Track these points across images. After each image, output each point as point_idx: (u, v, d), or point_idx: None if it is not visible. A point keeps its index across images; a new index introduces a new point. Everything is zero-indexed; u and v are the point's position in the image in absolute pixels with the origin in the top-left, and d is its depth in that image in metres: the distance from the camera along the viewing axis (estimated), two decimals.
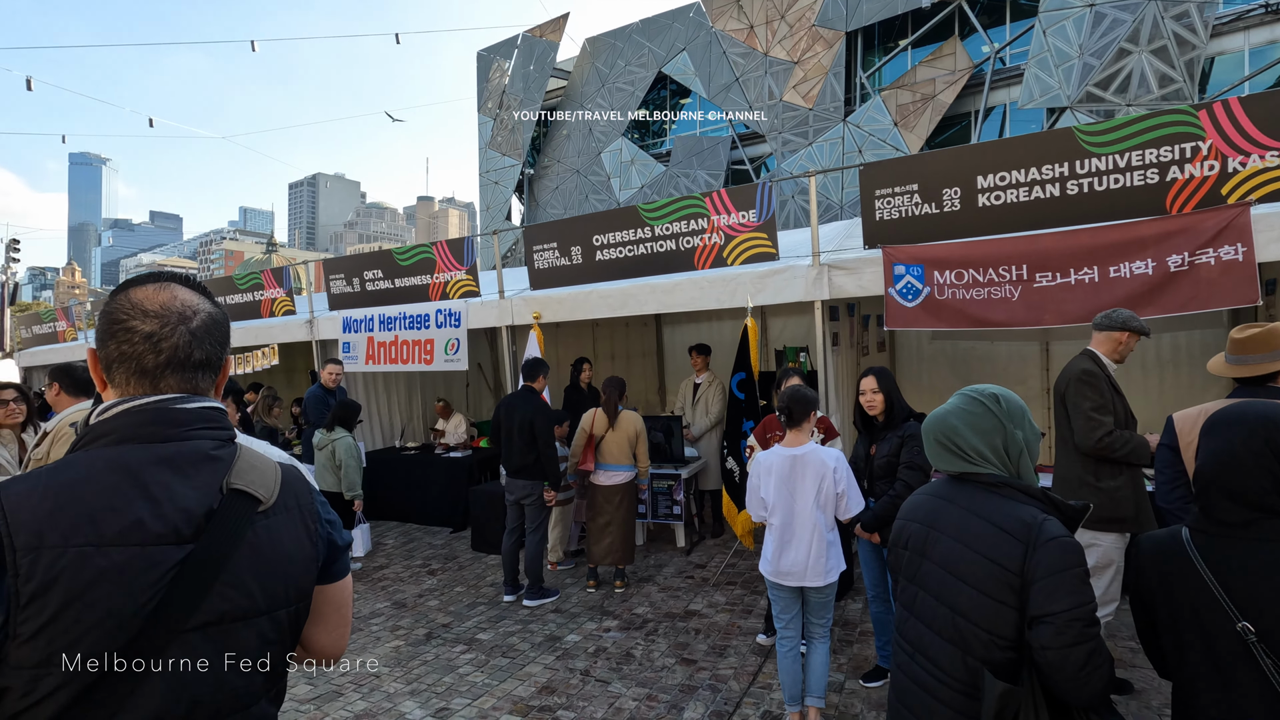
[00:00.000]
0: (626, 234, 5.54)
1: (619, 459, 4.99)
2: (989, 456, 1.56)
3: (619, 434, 4.98)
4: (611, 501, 4.96)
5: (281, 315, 8.14)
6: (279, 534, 1.02)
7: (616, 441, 4.97)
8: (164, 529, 0.90)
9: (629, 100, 26.86)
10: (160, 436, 0.96)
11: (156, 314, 0.99)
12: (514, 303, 6.17)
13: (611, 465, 4.99)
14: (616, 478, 4.99)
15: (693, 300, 5.32)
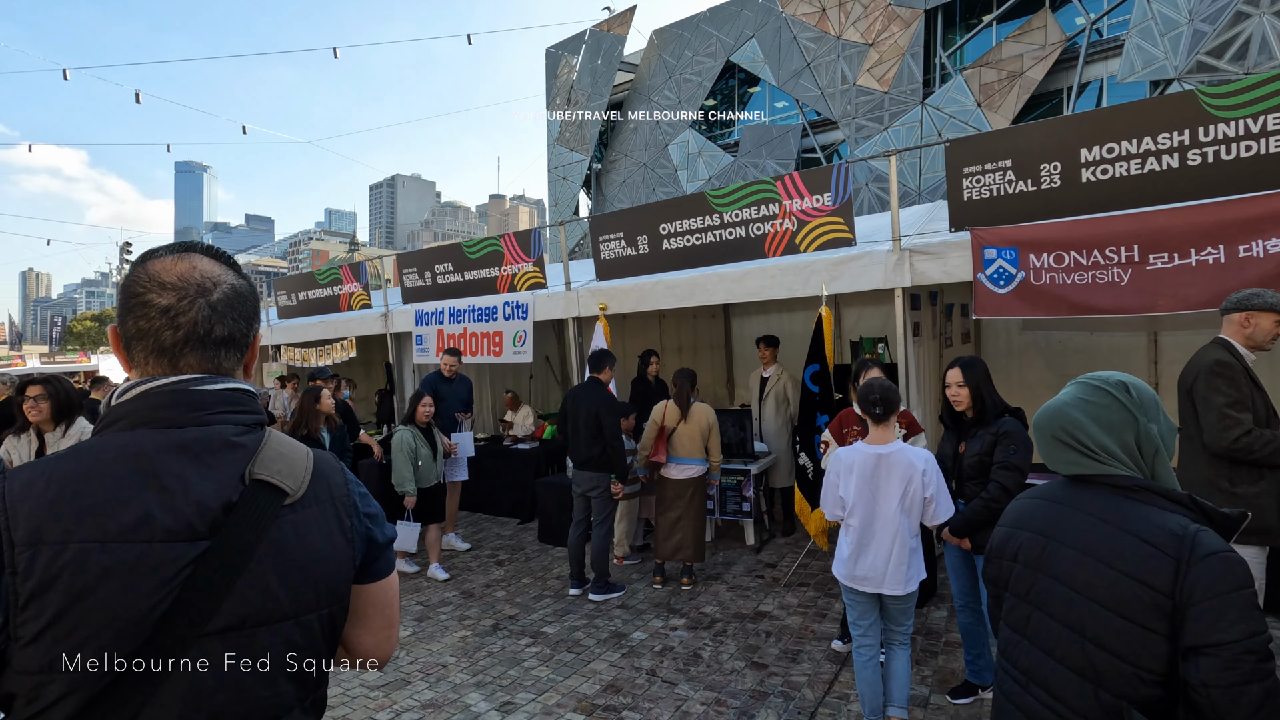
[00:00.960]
0: (694, 222, 5.38)
1: (691, 452, 4.85)
2: (1118, 454, 1.34)
3: (691, 426, 4.84)
4: (683, 496, 4.83)
5: (359, 309, 8.40)
6: (308, 529, 0.93)
7: (689, 434, 4.84)
8: (176, 524, 0.82)
9: (696, 91, 26.57)
10: (178, 421, 0.88)
11: (174, 286, 0.91)
12: (580, 294, 6.12)
13: (683, 459, 4.86)
14: (688, 471, 4.86)
15: (763, 289, 5.12)
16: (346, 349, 8.41)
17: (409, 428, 5.15)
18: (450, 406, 5.99)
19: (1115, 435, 1.35)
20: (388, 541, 1.09)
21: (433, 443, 5.27)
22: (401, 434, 5.10)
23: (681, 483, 4.85)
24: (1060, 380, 6.02)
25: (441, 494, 5.36)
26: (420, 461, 5.08)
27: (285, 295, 9.42)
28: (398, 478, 5.00)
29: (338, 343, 8.44)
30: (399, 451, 5.01)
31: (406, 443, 5.04)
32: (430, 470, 5.16)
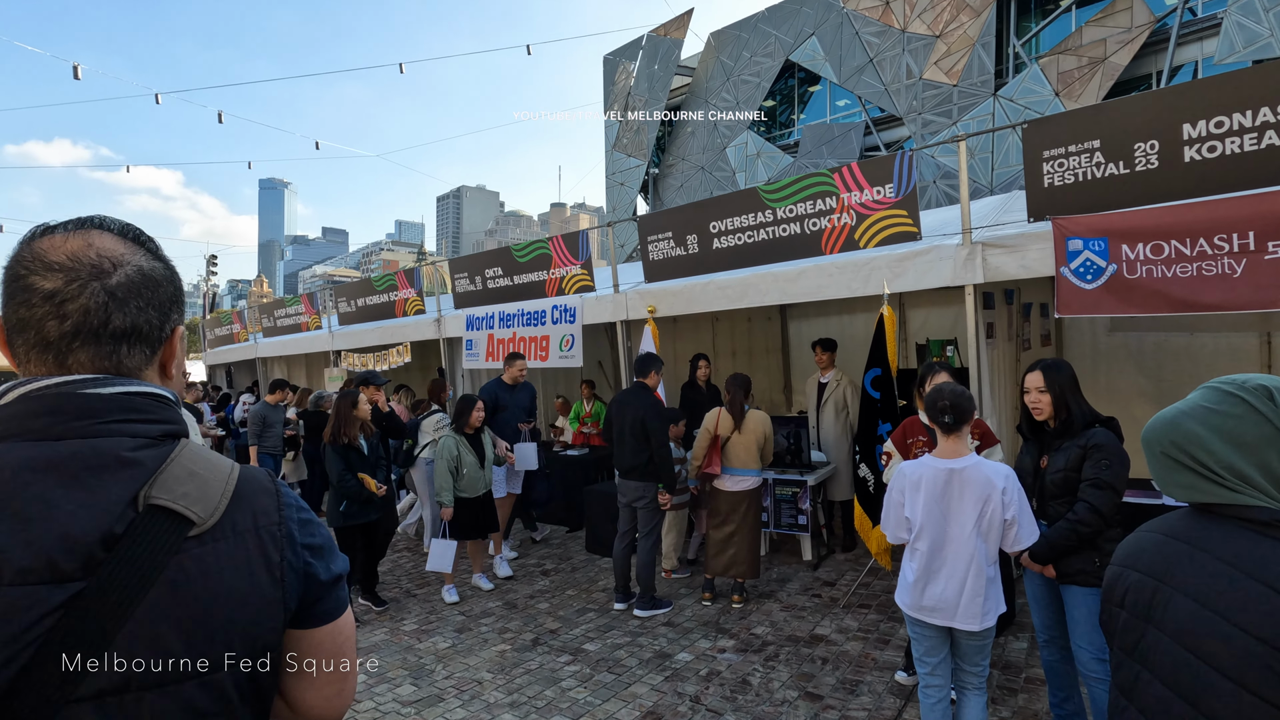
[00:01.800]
0: (745, 219, 5.11)
1: (746, 463, 4.59)
2: (1254, 479, 1.04)
3: (746, 436, 4.58)
4: (737, 509, 4.56)
5: (414, 315, 8.48)
6: (219, 567, 0.75)
7: (744, 444, 4.58)
8: (32, 561, 0.66)
9: (754, 92, 26.17)
10: (54, 433, 0.72)
11: (62, 267, 0.75)
12: (629, 296, 5.94)
13: (738, 470, 4.60)
14: (743, 483, 4.59)
15: (819, 288, 4.81)
16: (401, 354, 8.50)
17: (454, 434, 4.98)
18: (512, 416, 5.66)
19: (1250, 455, 1.05)
20: (335, 578, 0.90)
21: (480, 451, 5.04)
22: (445, 441, 4.92)
23: (736, 495, 4.58)
24: (1155, 387, 5.44)
25: (490, 506, 5.08)
26: (465, 470, 4.87)
27: (345, 302, 9.62)
28: (436, 487, 4.83)
29: (393, 348, 8.54)
30: (440, 459, 4.83)
31: (449, 450, 4.84)
32: (476, 480, 4.91)
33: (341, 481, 4.46)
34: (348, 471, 4.48)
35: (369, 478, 4.54)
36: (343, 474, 4.47)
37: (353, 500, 4.52)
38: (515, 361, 5.72)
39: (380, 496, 4.61)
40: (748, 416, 4.60)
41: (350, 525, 4.54)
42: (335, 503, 4.54)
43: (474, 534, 5.00)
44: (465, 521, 4.90)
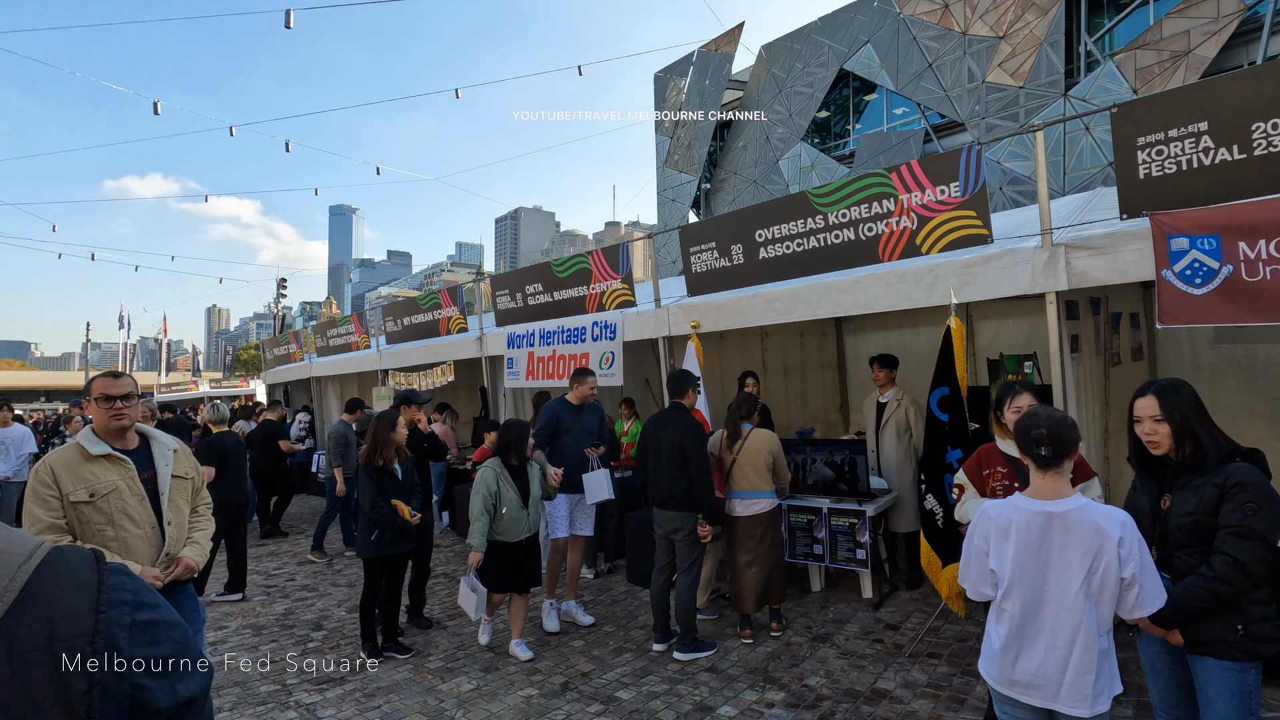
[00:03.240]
0: (794, 226, 4.74)
1: (755, 484, 4.28)
2: None
3: (749, 456, 4.29)
4: (753, 534, 4.24)
5: (456, 333, 8.38)
6: None
7: (750, 463, 4.28)
8: None
9: (808, 103, 25.67)
10: None
11: None
12: (670, 311, 5.63)
13: (747, 493, 4.28)
14: (755, 506, 4.27)
15: (876, 299, 4.38)
16: (445, 373, 8.40)
17: (496, 464, 4.21)
18: (578, 440, 4.84)
19: None
20: (181, 705, 0.64)
21: (525, 486, 4.22)
22: (484, 472, 4.12)
23: (751, 520, 4.27)
24: (1271, 407, 4.73)
25: (534, 553, 4.28)
26: (504, 509, 4.10)
27: (392, 321, 9.64)
28: (472, 524, 4.07)
29: (437, 367, 8.45)
30: (475, 493, 4.09)
31: (486, 484, 4.07)
32: (517, 522, 4.11)
33: (374, 508, 4.16)
34: (381, 497, 4.20)
35: (403, 505, 4.29)
36: (375, 499, 4.17)
37: (385, 528, 4.22)
38: (584, 379, 4.93)
39: (414, 525, 4.34)
40: (749, 436, 4.29)
41: (381, 556, 4.28)
42: (366, 531, 4.25)
43: (510, 587, 4.19)
44: (500, 572, 4.14)
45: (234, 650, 4.48)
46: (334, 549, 7.22)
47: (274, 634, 4.77)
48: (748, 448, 4.28)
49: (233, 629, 4.89)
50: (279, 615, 5.15)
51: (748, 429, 4.34)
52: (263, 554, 7.24)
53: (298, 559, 6.95)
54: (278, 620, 5.04)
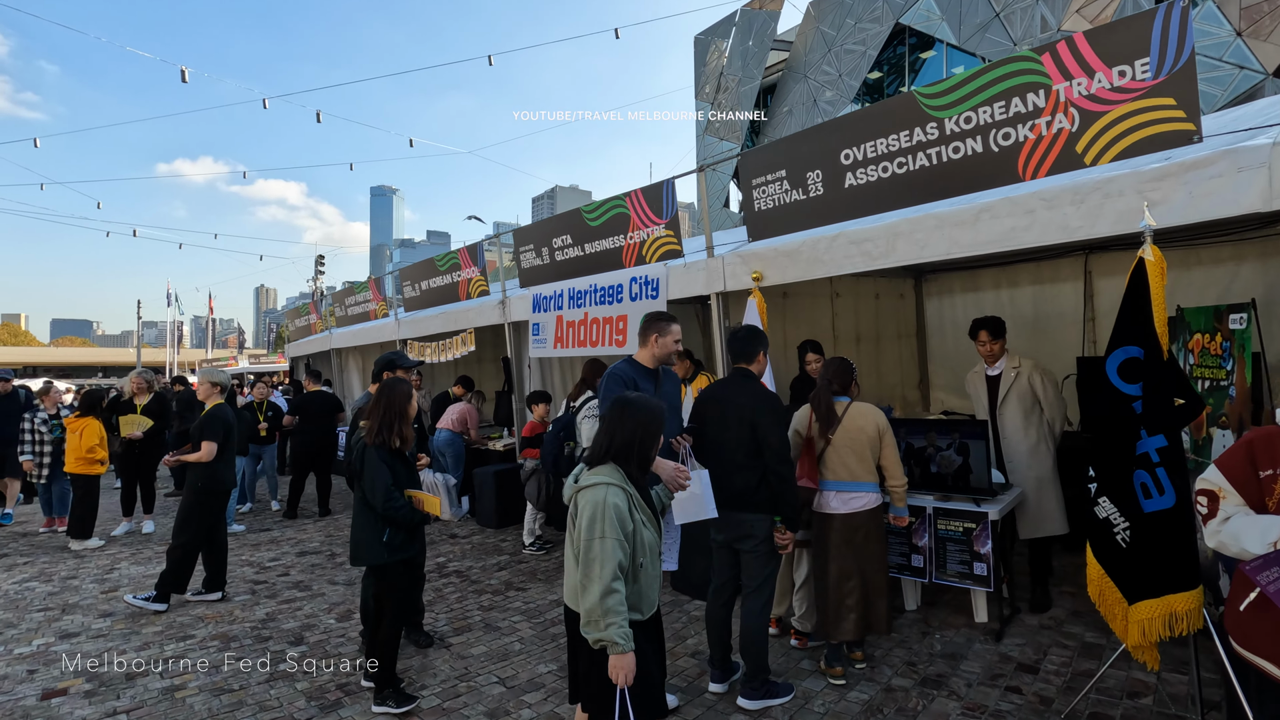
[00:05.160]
0: (895, 140, 3.62)
1: (855, 473, 3.27)
2: None
3: (846, 436, 3.27)
4: (851, 540, 3.23)
5: (477, 297, 7.46)
6: None
7: (848, 446, 3.27)
8: None
9: (859, 62, 23.98)
10: None
11: None
12: (726, 261, 4.57)
13: (845, 483, 3.27)
14: (855, 501, 3.26)
15: (1011, 233, 3.26)
16: (466, 342, 7.49)
17: (618, 476, 2.16)
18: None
19: None
20: None
21: (655, 513, 2.31)
22: (609, 495, 2.09)
23: (849, 520, 3.26)
24: None
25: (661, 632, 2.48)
26: (643, 559, 2.17)
27: (410, 286, 8.77)
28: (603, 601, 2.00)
29: (457, 335, 7.55)
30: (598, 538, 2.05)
31: (619, 519, 2.07)
32: (653, 577, 2.26)
33: (390, 501, 3.21)
34: (396, 487, 3.28)
35: (426, 495, 3.36)
36: (390, 491, 3.22)
37: (399, 527, 3.30)
38: (665, 328, 3.25)
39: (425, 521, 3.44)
40: (849, 412, 3.27)
41: (395, 561, 3.32)
42: (374, 530, 3.26)
43: (663, 703, 2.31)
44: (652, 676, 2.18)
45: (186, 674, 3.65)
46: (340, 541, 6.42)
47: (243, 648, 3.94)
48: (847, 426, 3.26)
49: (198, 639, 4.08)
50: (257, 622, 4.33)
51: (845, 403, 3.31)
52: (264, 540, 6.49)
53: (300, 548, 6.18)
54: (254, 629, 4.22)
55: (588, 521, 2.07)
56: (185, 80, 15.35)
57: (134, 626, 4.30)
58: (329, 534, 6.72)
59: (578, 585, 2.11)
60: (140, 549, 6.30)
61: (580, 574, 2.08)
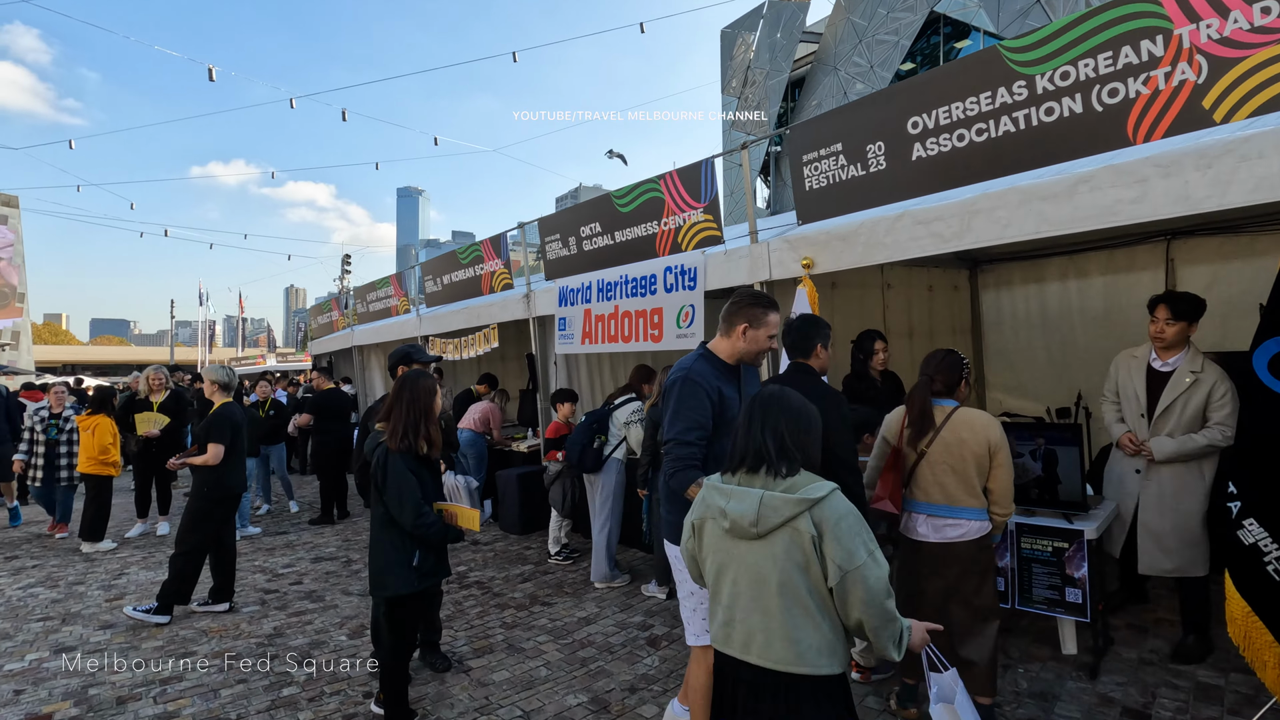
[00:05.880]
0: (974, 104, 3.17)
1: (955, 495, 2.69)
2: None
3: (945, 450, 2.70)
4: (946, 575, 2.71)
5: (501, 291, 7.12)
6: None
7: (952, 463, 2.68)
8: None
9: (892, 53, 23.32)
10: None
11: None
12: (772, 247, 4.15)
13: (940, 507, 2.72)
14: (952, 529, 2.70)
15: (1115, 206, 2.79)
16: (489, 338, 7.16)
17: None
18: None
19: None
20: None
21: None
22: (852, 506, 1.70)
23: (944, 552, 2.71)
24: None
25: None
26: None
27: (431, 280, 8.47)
28: (894, 625, 1.63)
29: (479, 332, 7.22)
30: (877, 563, 1.62)
31: (868, 532, 1.69)
32: None
33: (420, 518, 2.75)
34: (426, 502, 2.83)
35: (461, 507, 2.94)
36: (421, 505, 2.77)
37: (430, 547, 2.86)
38: (762, 317, 2.47)
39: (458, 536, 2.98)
40: (953, 419, 2.70)
41: (422, 590, 2.88)
42: (402, 553, 2.81)
43: None
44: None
45: (181, 698, 3.33)
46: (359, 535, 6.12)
47: (247, 669, 3.61)
48: (948, 438, 2.69)
49: (200, 655, 3.77)
50: (264, 638, 4.01)
51: (949, 408, 2.76)
52: (279, 545, 6.22)
53: (315, 554, 5.88)
54: (259, 646, 3.90)
55: (852, 537, 1.60)
56: (212, 79, 15.30)
57: (133, 640, 4.01)
58: (346, 538, 6.42)
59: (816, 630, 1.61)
60: (153, 552, 6.06)
61: (864, 605, 1.58)
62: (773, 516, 1.62)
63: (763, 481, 1.71)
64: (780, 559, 1.62)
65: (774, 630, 1.62)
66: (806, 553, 1.60)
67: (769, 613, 1.63)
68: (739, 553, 1.69)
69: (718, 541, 1.74)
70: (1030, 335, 5.95)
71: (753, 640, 1.65)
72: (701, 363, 2.45)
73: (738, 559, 1.69)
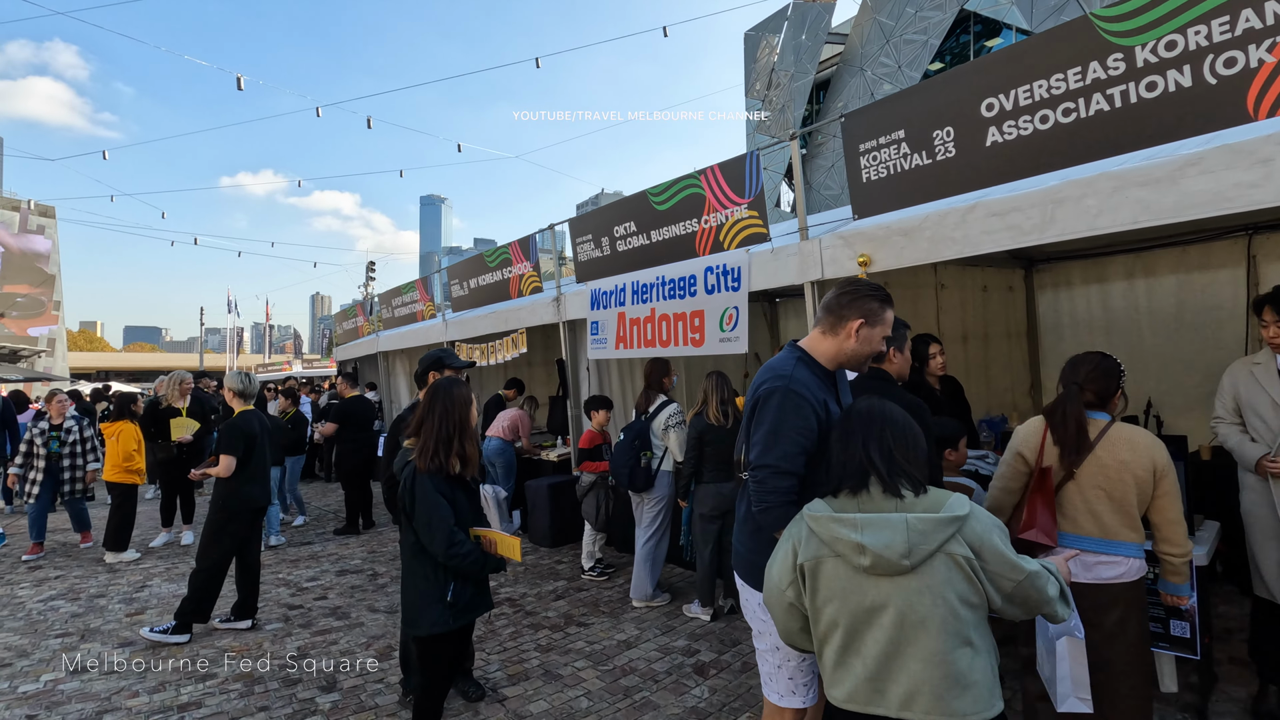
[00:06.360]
0: (1061, 80, 2.87)
1: (1108, 526, 2.25)
2: None
3: (1101, 472, 2.26)
4: (1096, 623, 2.24)
5: (530, 294, 6.90)
6: None
7: (1109, 488, 2.25)
8: None
9: (920, 53, 22.90)
10: None
11: None
12: (824, 244, 3.87)
13: (1095, 541, 2.27)
14: (1104, 569, 2.25)
15: (1233, 191, 2.48)
16: (517, 343, 6.95)
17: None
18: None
19: None
20: None
21: None
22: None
23: (1093, 593, 2.25)
24: None
25: None
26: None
27: (458, 285, 8.30)
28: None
29: (506, 337, 7.01)
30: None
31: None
32: None
33: (454, 546, 2.40)
34: (461, 527, 2.49)
35: (500, 534, 2.53)
36: (453, 532, 2.42)
37: (466, 579, 2.52)
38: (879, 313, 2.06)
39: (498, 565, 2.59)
40: (1108, 436, 2.29)
41: (459, 629, 2.52)
42: (435, 585, 2.46)
43: None
44: None
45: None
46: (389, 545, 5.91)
47: (268, 693, 3.40)
48: (1103, 458, 2.25)
49: (219, 680, 3.56)
50: (287, 659, 3.81)
51: (1103, 422, 2.31)
52: (303, 556, 6.04)
53: (340, 566, 5.69)
54: (282, 668, 3.69)
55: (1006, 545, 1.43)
56: (241, 88, 15.43)
57: (152, 661, 3.82)
58: (372, 550, 6.23)
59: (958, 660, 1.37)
60: (176, 563, 5.92)
61: None
62: (925, 543, 1.37)
63: (879, 504, 1.45)
64: (940, 592, 1.37)
65: (942, 679, 1.36)
66: (969, 578, 1.37)
67: (933, 659, 1.36)
68: (882, 593, 1.40)
69: (848, 583, 1.44)
70: (1092, 338, 5.58)
71: (917, 695, 1.37)
72: (802, 369, 1.98)
73: (881, 601, 1.41)
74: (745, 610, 2.15)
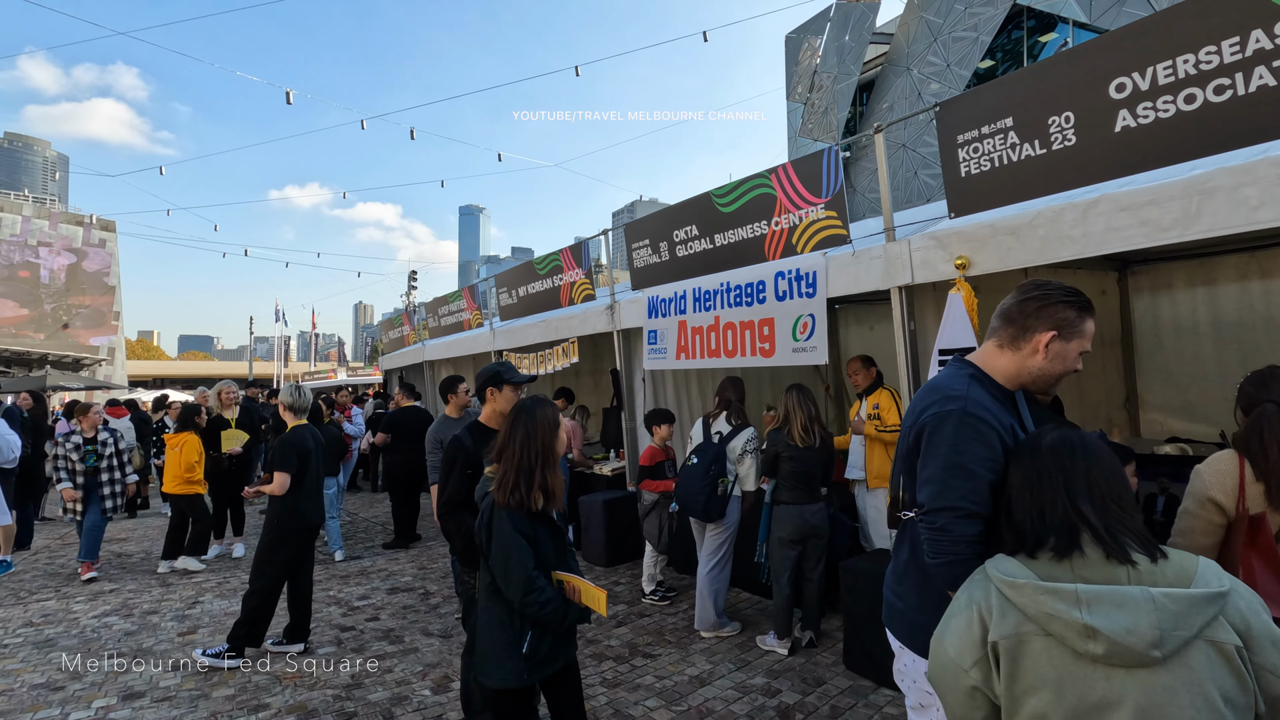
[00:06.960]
0: (1210, 54, 2.50)
1: None
2: None
3: None
4: None
5: (582, 302, 6.69)
6: None
7: None
8: None
9: (970, 50, 22.23)
10: None
11: None
12: (914, 245, 3.54)
13: None
14: None
15: None
16: (568, 353, 6.73)
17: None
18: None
19: None
20: None
21: None
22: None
23: None
24: None
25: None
26: None
27: (506, 293, 8.14)
28: None
29: (557, 346, 6.80)
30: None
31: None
32: None
33: (532, 593, 2.09)
34: (542, 570, 2.17)
35: (581, 581, 2.17)
36: (533, 578, 2.11)
37: (545, 629, 2.16)
38: (1079, 323, 1.68)
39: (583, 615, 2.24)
40: None
41: (534, 684, 2.18)
42: (510, 633, 2.14)
43: None
44: None
45: None
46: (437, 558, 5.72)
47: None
48: None
49: (274, 709, 3.38)
50: (340, 688, 3.61)
51: None
52: (353, 572, 5.90)
53: (390, 583, 5.52)
54: (336, 699, 3.49)
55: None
56: (289, 102, 15.69)
57: (204, 687, 3.67)
58: (421, 565, 6.06)
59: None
60: (227, 578, 5.83)
61: None
62: (1181, 628, 1.05)
63: (1101, 571, 1.14)
64: (1201, 689, 1.04)
65: None
66: (1237, 674, 1.05)
67: None
68: (1116, 688, 1.07)
69: (1066, 672, 1.11)
70: (1198, 346, 5.11)
71: None
72: (978, 388, 1.63)
73: (1114, 698, 1.07)
74: (900, 676, 1.81)
